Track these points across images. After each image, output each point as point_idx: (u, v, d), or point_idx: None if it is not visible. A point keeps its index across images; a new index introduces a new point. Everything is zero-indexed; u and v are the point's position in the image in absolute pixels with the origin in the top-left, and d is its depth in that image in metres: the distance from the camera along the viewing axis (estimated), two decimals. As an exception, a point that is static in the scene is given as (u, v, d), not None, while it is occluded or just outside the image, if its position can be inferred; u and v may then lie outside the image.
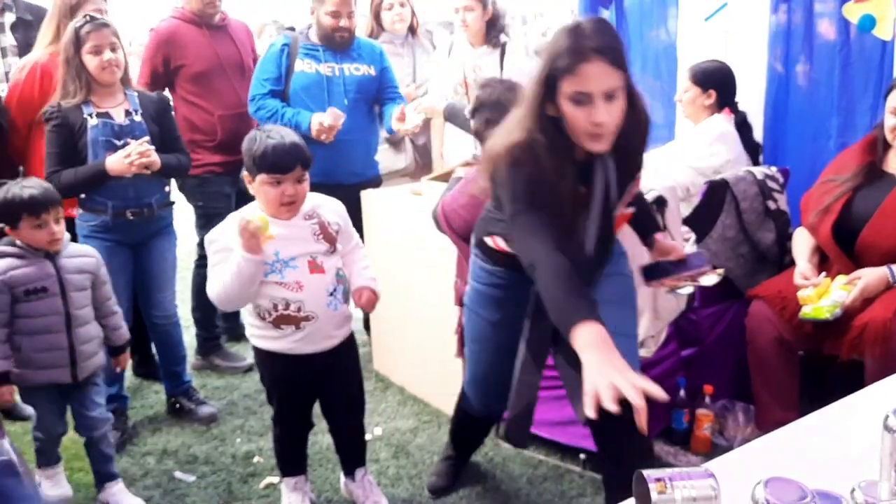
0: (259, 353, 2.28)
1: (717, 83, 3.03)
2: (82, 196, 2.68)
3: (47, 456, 2.43)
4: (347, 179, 3.16)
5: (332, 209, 2.27)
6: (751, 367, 2.60)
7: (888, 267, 2.33)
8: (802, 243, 2.61)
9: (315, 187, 2.26)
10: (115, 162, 2.57)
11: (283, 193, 2.11)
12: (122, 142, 2.60)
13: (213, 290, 2.15)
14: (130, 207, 2.68)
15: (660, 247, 2.08)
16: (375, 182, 3.37)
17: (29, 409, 2.35)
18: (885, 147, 2.47)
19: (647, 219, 2.17)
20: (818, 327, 2.38)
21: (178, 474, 2.63)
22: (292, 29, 3.45)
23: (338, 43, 3.19)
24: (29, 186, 2.27)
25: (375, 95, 3.32)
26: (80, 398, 2.40)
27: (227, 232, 2.15)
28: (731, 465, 1.25)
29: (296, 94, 3.19)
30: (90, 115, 2.60)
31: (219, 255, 2.15)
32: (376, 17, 3.76)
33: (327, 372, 2.27)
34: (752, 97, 3.20)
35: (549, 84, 1.63)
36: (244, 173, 2.18)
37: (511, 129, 1.70)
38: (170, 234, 2.92)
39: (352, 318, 2.34)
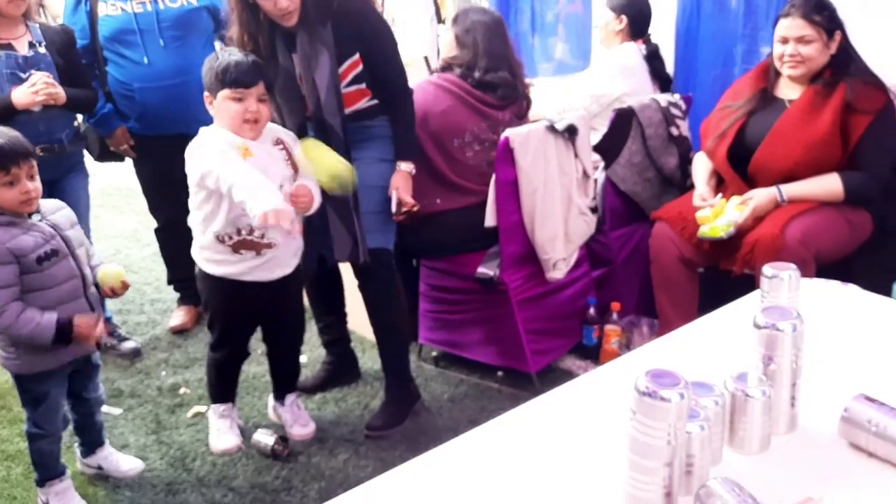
0: (208, 278, 2.29)
1: (630, 9, 3.12)
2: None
3: (51, 466, 2.13)
4: (188, 129, 2.35)
5: (291, 137, 2.30)
6: (654, 283, 2.76)
7: (777, 187, 2.50)
8: (701, 167, 2.77)
9: (148, 140, 2.26)
10: (21, 94, 2.49)
11: (246, 110, 2.13)
12: (27, 74, 2.53)
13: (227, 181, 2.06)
14: (41, 143, 2.60)
15: (394, 181, 2.39)
16: None
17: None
18: (777, 74, 2.62)
19: (401, 141, 2.44)
20: (715, 245, 2.55)
21: (104, 408, 2.65)
22: None
23: None
24: None
25: (213, 28, 2.97)
26: (85, 382, 2.18)
27: (217, 138, 2.15)
28: (626, 365, 1.39)
29: (107, 44, 2.87)
30: (-9, 47, 2.51)
31: (218, 149, 2.11)
32: None
33: (274, 300, 2.32)
34: (664, 26, 3.31)
35: None
36: (205, 94, 2.18)
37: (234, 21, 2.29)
38: (82, 171, 2.87)
39: (301, 250, 2.38)
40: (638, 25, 3.16)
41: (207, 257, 2.26)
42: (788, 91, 2.59)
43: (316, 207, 2.29)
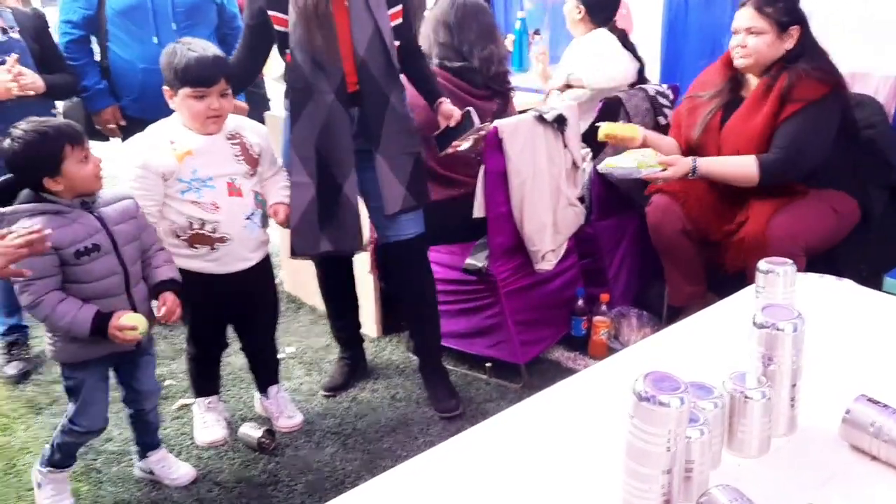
0: None
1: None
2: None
3: (64, 456, 2.10)
4: None
5: (254, 131, 2.26)
6: (660, 252, 2.73)
7: (693, 159, 2.49)
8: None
9: (141, 123, 2.24)
10: None
11: (208, 108, 2.09)
12: (0, 60, 2.46)
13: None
14: (17, 131, 2.55)
15: (443, 110, 2.37)
16: None
17: None
18: None
19: (429, 86, 2.44)
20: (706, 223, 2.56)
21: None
22: None
23: None
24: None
25: (217, 24, 2.94)
26: (134, 371, 2.12)
27: (145, 147, 2.13)
28: (622, 363, 1.36)
29: (115, 18, 2.79)
30: (-37, 32, 2.43)
31: (136, 171, 2.11)
32: None
33: (242, 292, 2.29)
34: (651, 16, 3.28)
35: None
36: (165, 88, 2.13)
37: None
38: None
39: (268, 242, 2.35)
40: (598, 14, 3.09)
41: (171, 250, 2.22)
42: (750, 84, 2.56)
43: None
